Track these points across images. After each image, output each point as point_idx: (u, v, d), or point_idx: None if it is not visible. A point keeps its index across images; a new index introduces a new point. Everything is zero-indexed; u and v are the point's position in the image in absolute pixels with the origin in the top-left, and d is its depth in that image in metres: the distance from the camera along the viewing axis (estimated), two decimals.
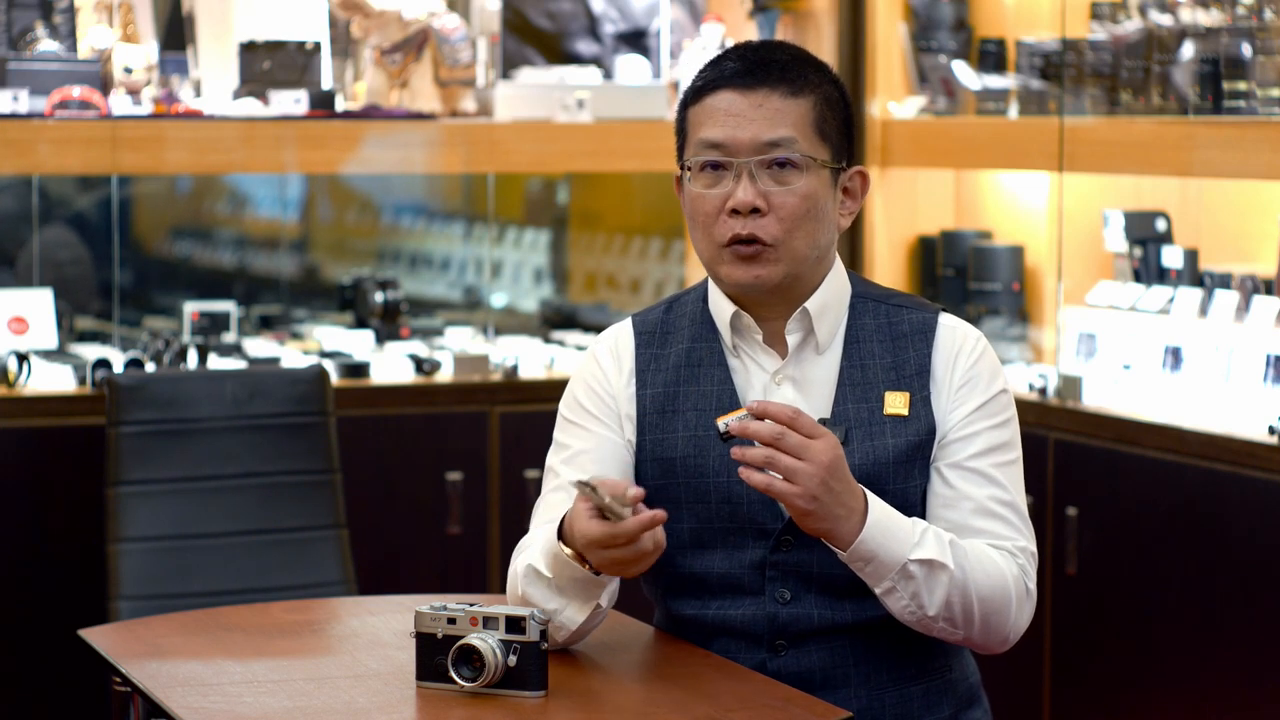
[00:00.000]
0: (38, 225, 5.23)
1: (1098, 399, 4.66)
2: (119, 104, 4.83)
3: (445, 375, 4.98)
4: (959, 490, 2.71)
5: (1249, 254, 4.76)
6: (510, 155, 5.17)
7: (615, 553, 2.53)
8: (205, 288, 5.61)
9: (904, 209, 5.48)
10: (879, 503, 2.61)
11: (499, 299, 5.92)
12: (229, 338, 5.09)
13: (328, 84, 5.07)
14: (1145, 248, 4.81)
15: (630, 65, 5.40)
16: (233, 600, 4.08)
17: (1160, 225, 4.87)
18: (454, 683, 2.54)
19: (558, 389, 2.94)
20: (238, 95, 4.94)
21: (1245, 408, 4.31)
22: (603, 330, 2.90)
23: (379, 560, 4.74)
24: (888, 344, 2.77)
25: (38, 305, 4.91)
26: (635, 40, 5.46)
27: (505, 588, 2.77)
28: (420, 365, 4.98)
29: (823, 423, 2.69)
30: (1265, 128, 4.31)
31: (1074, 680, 4.58)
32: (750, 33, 5.50)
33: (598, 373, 2.83)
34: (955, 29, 5.36)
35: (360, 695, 2.57)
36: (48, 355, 4.81)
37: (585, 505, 2.55)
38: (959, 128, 5.24)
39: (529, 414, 4.90)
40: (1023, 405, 4.31)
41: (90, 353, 4.91)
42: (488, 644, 2.52)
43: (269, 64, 4.94)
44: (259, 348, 5.09)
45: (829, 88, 2.76)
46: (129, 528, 4.16)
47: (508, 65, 5.30)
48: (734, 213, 2.71)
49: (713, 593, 2.75)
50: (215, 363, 4.81)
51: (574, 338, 5.48)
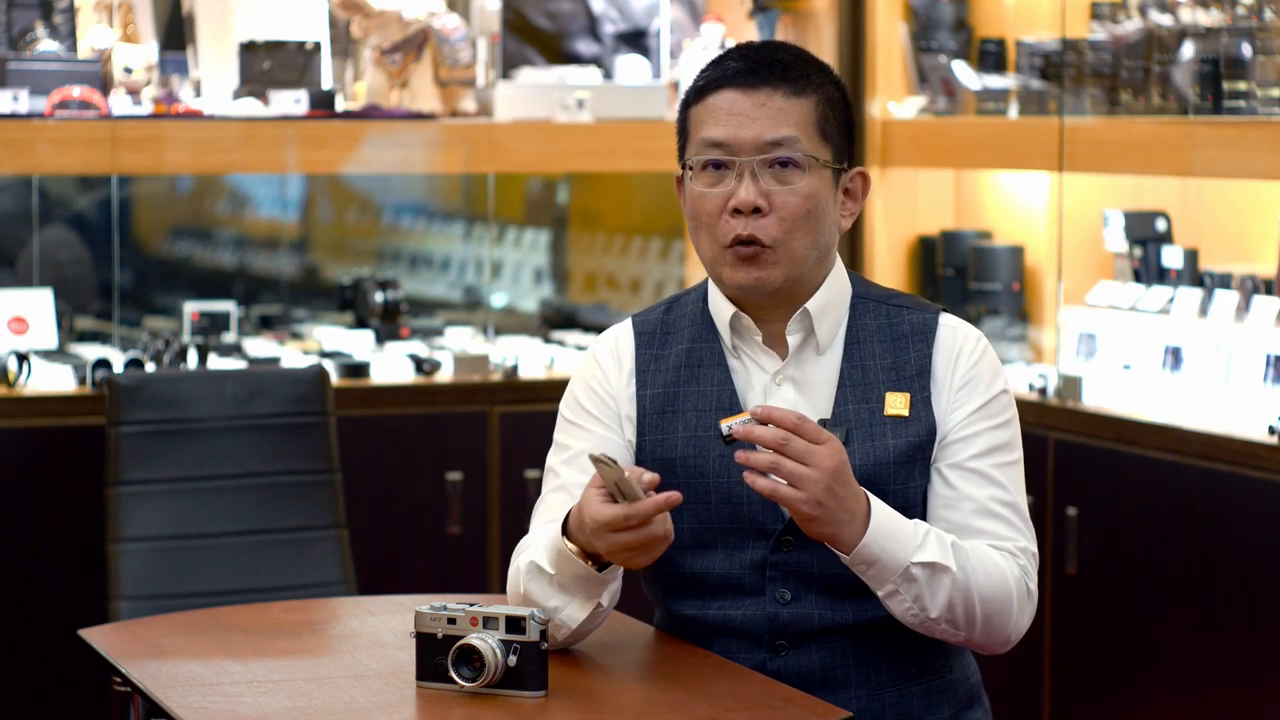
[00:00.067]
0: (38, 225, 5.23)
1: (1098, 399, 4.66)
2: (119, 104, 4.83)
3: (445, 375, 4.98)
4: (960, 491, 2.71)
5: (1249, 254, 4.76)
6: (510, 155, 5.17)
7: (627, 536, 2.53)
8: (205, 288, 5.60)
9: (904, 209, 5.47)
10: (881, 506, 2.61)
11: (499, 299, 5.92)
12: (229, 338, 5.09)
13: (328, 84, 5.06)
14: (1145, 248, 4.81)
15: (630, 65, 5.40)
16: (233, 600, 4.08)
17: (1160, 225, 4.87)
18: (454, 683, 2.54)
19: (558, 389, 2.94)
20: (238, 95, 4.94)
21: (1245, 408, 4.31)
22: (603, 330, 2.90)
23: (379, 560, 4.74)
24: (888, 344, 2.77)
25: (38, 305, 4.91)
26: (635, 40, 5.46)
27: (505, 588, 2.77)
28: (420, 365, 4.98)
29: (823, 423, 2.69)
30: (1265, 128, 4.31)
31: (1074, 680, 4.58)
32: (750, 33, 5.50)
33: (598, 373, 2.83)
34: (955, 29, 5.36)
35: (360, 695, 2.57)
36: (48, 355, 4.81)
37: (598, 490, 2.55)
38: (959, 128, 5.24)
39: (529, 414, 4.90)
40: (1023, 405, 4.31)
41: (90, 353, 4.91)
42: (488, 644, 2.52)
43: (269, 64, 4.94)
44: (259, 348, 5.08)
45: (831, 88, 2.76)
46: (129, 528, 4.16)
47: (508, 65, 5.30)
48: (736, 212, 2.71)
49: (713, 593, 2.75)
50: (215, 363, 4.81)
51: (574, 338, 5.48)
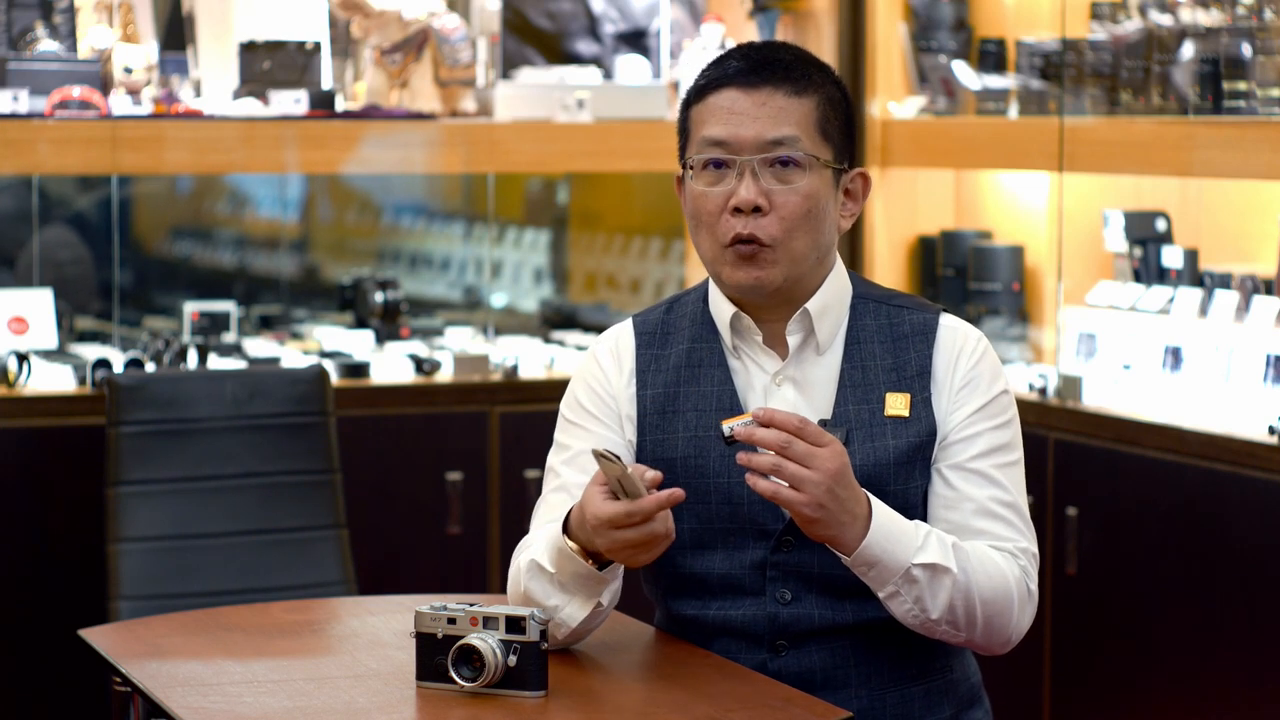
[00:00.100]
0: (38, 225, 5.23)
1: (1098, 399, 4.66)
2: (119, 104, 4.83)
3: (445, 375, 4.98)
4: (960, 491, 2.71)
5: (1249, 254, 4.76)
6: (510, 155, 5.17)
7: (628, 533, 2.52)
8: (205, 288, 5.60)
9: (904, 209, 5.47)
10: (882, 507, 2.61)
11: (499, 299, 5.92)
12: (229, 338, 5.09)
13: (328, 84, 5.06)
14: (1145, 248, 4.80)
15: (630, 65, 5.40)
16: (233, 600, 4.08)
17: (1160, 225, 4.87)
18: (454, 683, 2.54)
19: (558, 389, 2.93)
20: (238, 95, 4.94)
21: (1245, 408, 4.31)
22: (603, 330, 2.90)
23: (379, 560, 4.74)
24: (888, 345, 2.77)
25: (38, 305, 4.91)
26: (635, 40, 5.46)
27: (505, 588, 2.77)
28: (420, 365, 4.98)
29: (823, 424, 2.69)
30: (1265, 128, 4.31)
31: (1074, 680, 4.58)
32: (750, 33, 5.50)
33: (598, 373, 2.83)
34: (955, 29, 5.36)
35: (360, 695, 2.57)
36: (48, 355, 4.81)
37: (600, 487, 2.55)
38: (959, 128, 5.24)
39: (529, 414, 4.90)
40: (1023, 405, 4.31)
41: (90, 353, 4.91)
42: (488, 644, 2.52)
43: (269, 64, 4.94)
44: (259, 348, 5.08)
45: (832, 88, 2.76)
46: (129, 528, 4.15)
47: (508, 65, 5.30)
48: (736, 211, 2.71)
49: (713, 593, 2.75)
50: (215, 363, 4.81)
51: (574, 338, 5.48)
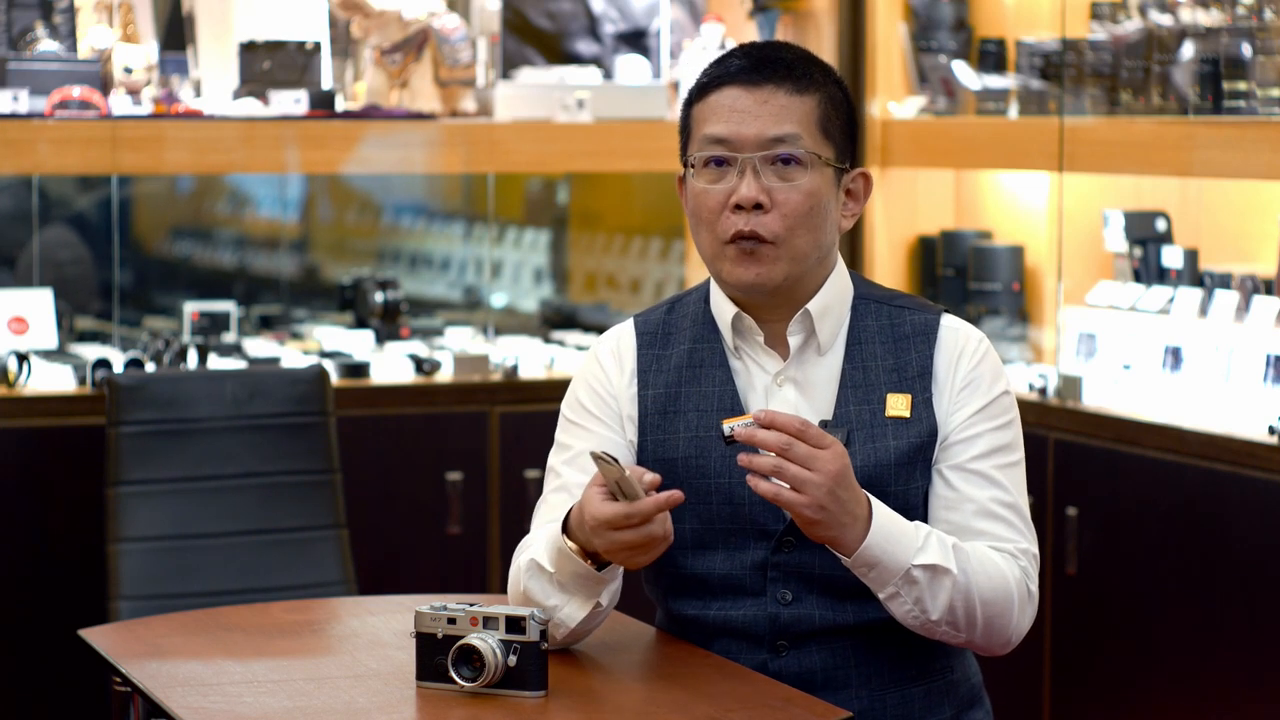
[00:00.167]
0: (38, 225, 5.23)
1: (1098, 399, 4.66)
2: (119, 104, 4.83)
3: (445, 375, 4.98)
4: (961, 492, 2.71)
5: (1249, 254, 4.76)
6: (510, 155, 5.17)
7: (626, 535, 2.52)
8: (205, 288, 5.61)
9: (904, 209, 5.47)
10: (883, 508, 2.60)
11: (499, 299, 5.92)
12: (229, 338, 5.09)
13: (328, 84, 5.06)
14: (1145, 248, 4.80)
15: (630, 65, 5.40)
16: (233, 600, 4.08)
17: (1160, 225, 4.87)
18: (454, 683, 2.54)
19: (558, 389, 2.94)
20: (238, 95, 4.94)
21: (1245, 408, 4.31)
22: (603, 330, 2.90)
23: (379, 560, 4.74)
24: (890, 345, 2.76)
25: (38, 305, 4.91)
26: (635, 40, 5.46)
27: (505, 588, 2.77)
28: (420, 365, 4.98)
29: (824, 425, 2.69)
30: (1265, 128, 4.31)
31: (1074, 680, 4.58)
32: (750, 33, 5.50)
33: (599, 373, 2.83)
34: (955, 29, 5.36)
35: (360, 695, 2.57)
36: (48, 355, 4.81)
37: (599, 488, 2.55)
38: (959, 128, 5.24)
39: (529, 414, 4.90)
40: (1023, 405, 4.31)
41: (90, 353, 4.91)
42: (488, 644, 2.52)
43: (269, 64, 4.94)
44: (259, 348, 5.08)
45: (833, 88, 2.76)
46: (129, 528, 4.15)
47: (508, 65, 5.30)
48: (737, 209, 2.71)
49: (714, 593, 2.74)
50: (215, 363, 4.81)
51: (574, 338, 5.48)
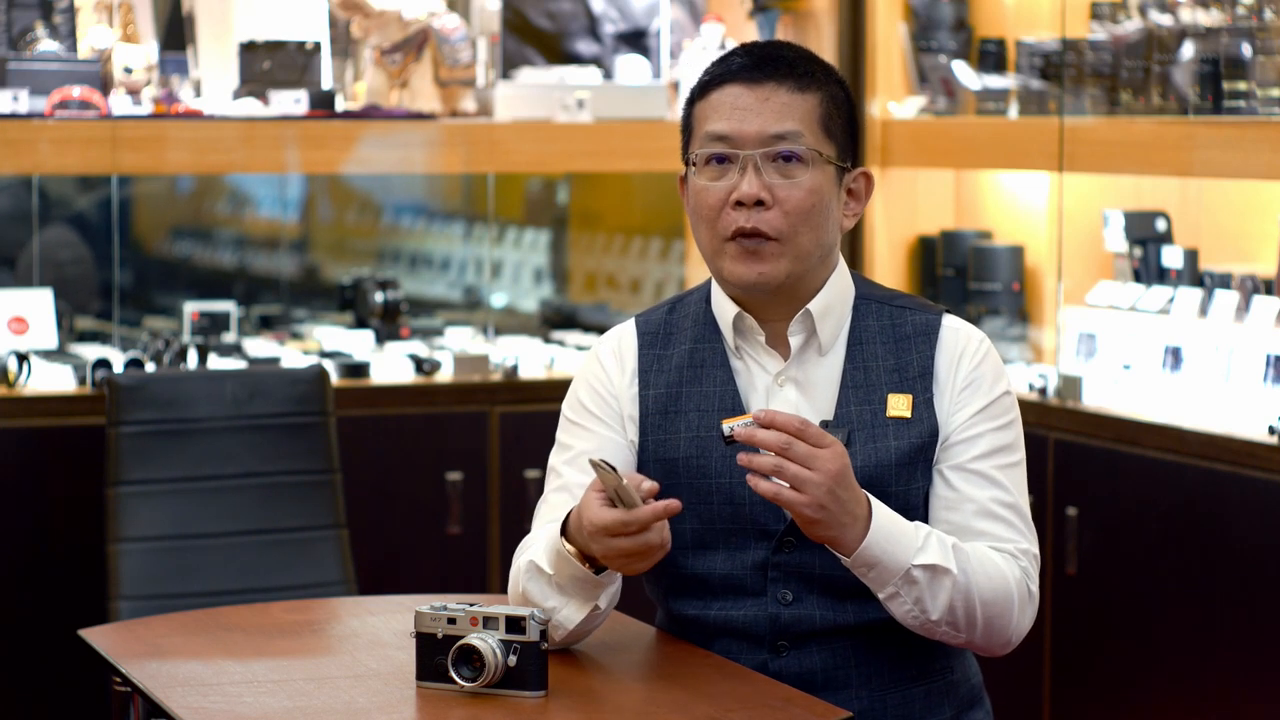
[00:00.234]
0: (38, 225, 5.23)
1: (1098, 399, 4.66)
2: (119, 104, 4.83)
3: (445, 375, 4.98)
4: (961, 492, 2.71)
5: (1249, 254, 4.76)
6: (510, 155, 5.17)
7: (623, 542, 2.52)
8: (205, 288, 5.61)
9: (904, 209, 5.47)
10: (882, 508, 2.60)
11: (499, 299, 5.92)
12: (229, 338, 5.09)
13: (328, 84, 5.06)
14: (1145, 248, 4.80)
15: (630, 65, 5.40)
16: (233, 600, 4.08)
17: (1160, 225, 4.87)
18: (454, 683, 2.54)
19: (558, 389, 2.94)
20: (238, 95, 4.94)
21: (1245, 408, 4.31)
22: (603, 330, 2.90)
23: (379, 560, 4.74)
24: (891, 346, 2.76)
25: (38, 305, 4.91)
26: (635, 40, 5.46)
27: (505, 588, 2.77)
28: (420, 365, 4.98)
29: (825, 425, 2.69)
30: (1265, 128, 4.31)
31: (1074, 680, 4.58)
32: (750, 33, 5.50)
33: (600, 373, 2.83)
34: (955, 29, 5.36)
35: (360, 695, 2.57)
36: (48, 355, 4.81)
37: (597, 494, 2.55)
38: (959, 128, 5.24)
39: (529, 414, 4.90)
40: (1023, 405, 4.30)
41: (90, 353, 4.91)
42: (488, 644, 2.52)
43: (269, 64, 4.94)
44: (259, 348, 5.08)
45: (835, 87, 2.76)
46: (129, 528, 4.15)
47: (508, 65, 5.30)
48: (738, 205, 2.71)
49: (715, 593, 2.74)
50: (215, 363, 4.81)
51: (574, 338, 5.48)
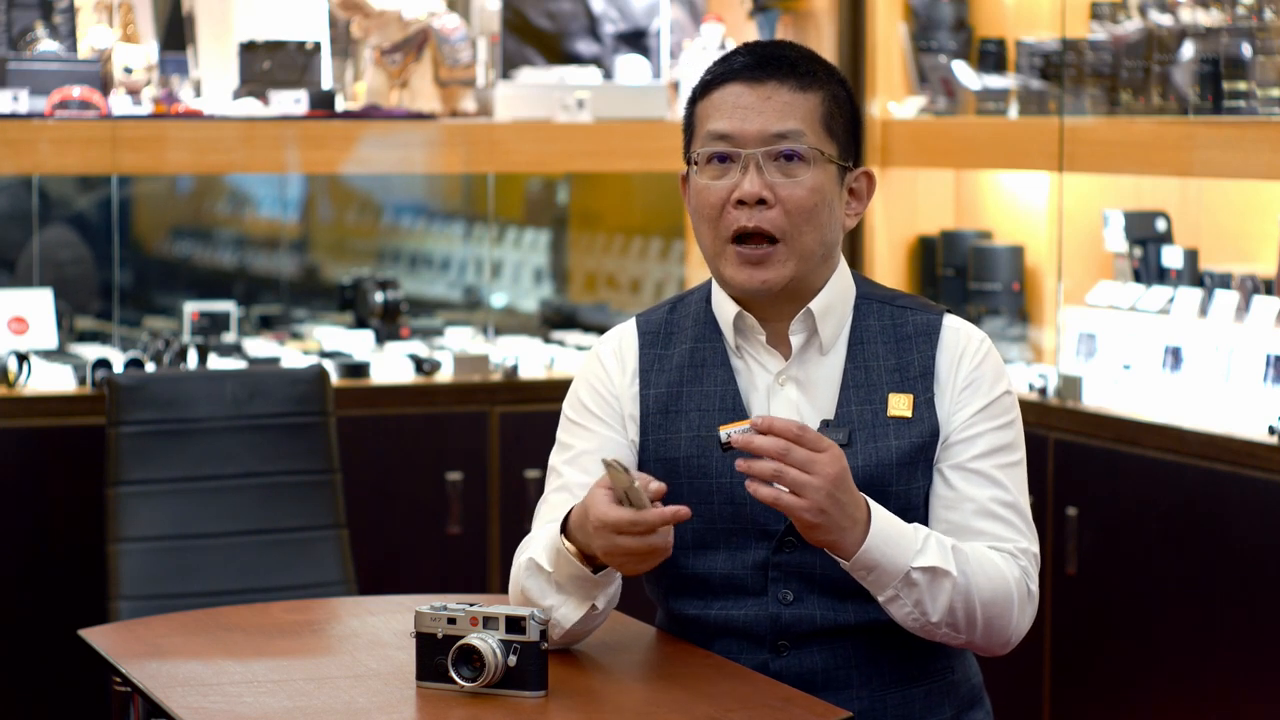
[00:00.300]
0: (38, 225, 5.23)
1: (1098, 399, 4.66)
2: (119, 104, 4.83)
3: (445, 375, 4.98)
4: (961, 491, 2.71)
5: (1249, 254, 4.76)
6: (510, 155, 5.17)
7: (629, 541, 2.52)
8: (205, 288, 5.61)
9: (904, 209, 5.47)
10: (881, 511, 2.60)
11: (499, 299, 5.92)
12: (229, 338, 5.09)
13: (328, 84, 5.06)
14: (1145, 248, 4.80)
15: (630, 65, 5.40)
16: (233, 600, 4.08)
17: (1160, 225, 4.87)
18: (454, 683, 2.54)
19: (558, 389, 2.94)
20: (238, 95, 4.94)
21: (1245, 408, 4.31)
22: (603, 330, 2.90)
23: (379, 560, 4.74)
24: (892, 345, 2.76)
25: (38, 305, 4.91)
26: (635, 40, 5.45)
27: (505, 588, 2.77)
28: (420, 365, 4.98)
29: (825, 424, 2.69)
30: (1265, 128, 4.31)
31: (1074, 680, 4.58)
32: (750, 33, 5.50)
33: (601, 373, 2.82)
34: (955, 29, 5.36)
35: (360, 695, 2.56)
36: (48, 355, 4.81)
37: (607, 489, 2.55)
38: (959, 128, 5.24)
39: (529, 414, 4.90)
40: (1023, 405, 4.30)
41: (90, 353, 4.91)
42: (488, 644, 2.52)
43: (269, 64, 4.94)
44: (259, 348, 5.08)
45: (837, 87, 2.76)
46: (129, 528, 4.15)
47: (508, 65, 5.30)
48: (739, 204, 2.70)
49: (715, 593, 2.74)
50: (215, 363, 4.81)
51: (574, 338, 5.48)
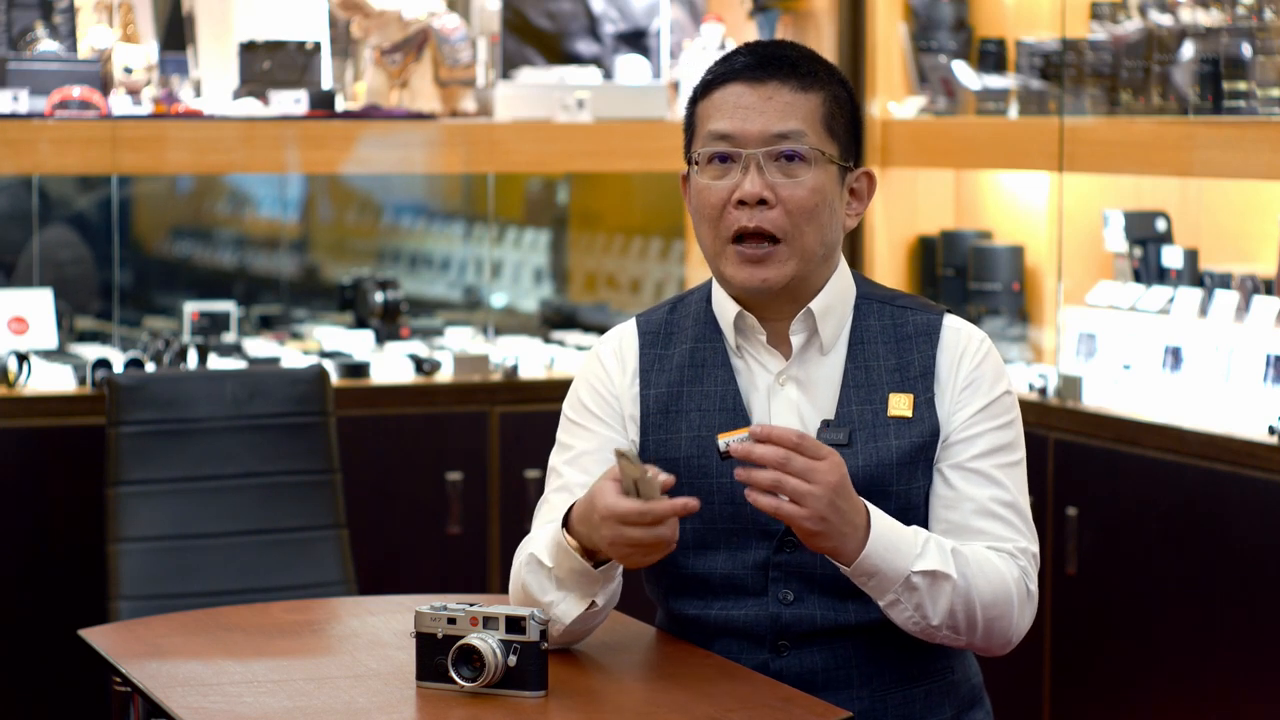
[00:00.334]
0: (38, 225, 5.23)
1: (1098, 399, 4.66)
2: (119, 104, 4.83)
3: (445, 375, 4.98)
4: (960, 491, 2.71)
5: (1249, 254, 4.76)
6: (510, 155, 5.17)
7: (636, 532, 2.52)
8: (205, 288, 5.60)
9: (904, 209, 5.47)
10: (881, 516, 2.60)
11: (499, 299, 5.92)
12: (229, 338, 5.09)
13: (328, 84, 5.06)
14: (1145, 248, 4.80)
15: (630, 65, 5.40)
16: (233, 600, 4.08)
17: (1160, 225, 4.87)
18: (454, 683, 2.54)
19: (558, 389, 2.94)
20: (238, 95, 4.94)
21: (1245, 408, 4.31)
22: (603, 330, 2.90)
23: (379, 560, 4.74)
24: (892, 345, 2.76)
25: (38, 305, 4.91)
26: (635, 40, 5.46)
27: (505, 588, 2.77)
28: (420, 365, 4.98)
29: (826, 424, 2.69)
30: (1265, 128, 4.31)
31: (1074, 680, 4.58)
32: (750, 33, 5.50)
33: (601, 373, 2.82)
34: (955, 29, 5.36)
35: (360, 695, 2.57)
36: (48, 355, 4.81)
37: (614, 481, 2.54)
38: (959, 128, 5.24)
39: (529, 414, 4.90)
40: (1023, 405, 4.30)
41: (90, 353, 4.91)
42: (488, 644, 2.52)
43: (269, 64, 4.94)
44: (259, 348, 5.08)
45: (838, 87, 2.76)
46: (129, 528, 4.15)
47: (508, 65, 5.30)
48: (740, 204, 2.70)
49: (715, 593, 2.74)
50: (215, 363, 4.81)
51: (574, 338, 5.48)
